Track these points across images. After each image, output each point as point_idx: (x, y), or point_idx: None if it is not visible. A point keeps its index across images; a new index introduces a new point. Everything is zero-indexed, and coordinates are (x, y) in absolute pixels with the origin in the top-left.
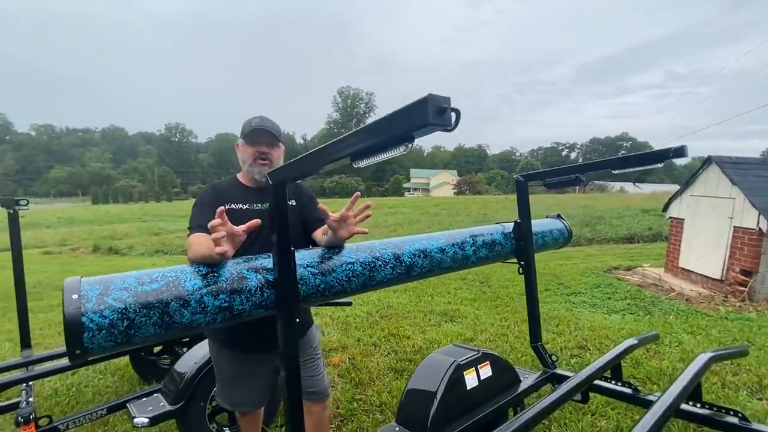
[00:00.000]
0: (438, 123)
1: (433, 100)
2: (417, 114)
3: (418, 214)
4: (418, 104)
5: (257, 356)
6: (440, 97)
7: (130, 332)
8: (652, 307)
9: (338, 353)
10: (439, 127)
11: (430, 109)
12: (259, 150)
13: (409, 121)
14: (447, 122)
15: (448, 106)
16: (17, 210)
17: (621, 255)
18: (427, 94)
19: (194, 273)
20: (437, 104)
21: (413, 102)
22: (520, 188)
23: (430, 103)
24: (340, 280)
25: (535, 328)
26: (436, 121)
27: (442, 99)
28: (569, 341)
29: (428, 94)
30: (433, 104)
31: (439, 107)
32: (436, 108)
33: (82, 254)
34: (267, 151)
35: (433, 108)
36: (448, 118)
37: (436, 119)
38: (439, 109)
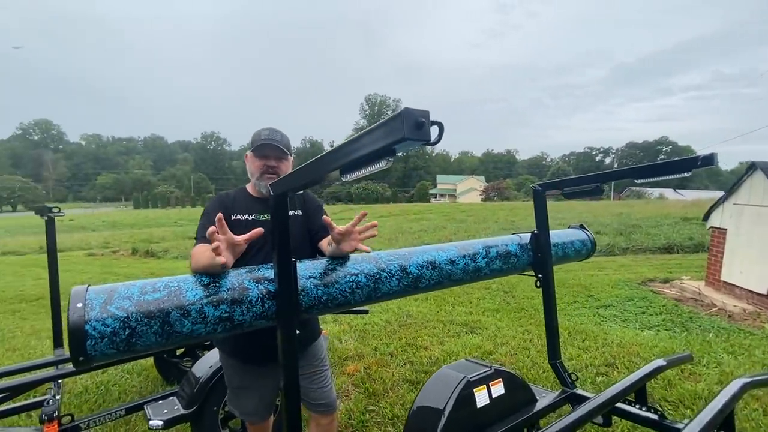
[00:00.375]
0: (415, 138)
1: (409, 115)
2: (393, 129)
3: (444, 220)
4: (393, 119)
5: (263, 367)
6: (417, 111)
7: (131, 340)
8: (689, 323)
9: (354, 362)
10: (417, 141)
11: (405, 124)
12: (267, 164)
13: (386, 137)
14: (425, 136)
15: (426, 120)
16: (52, 217)
17: (658, 266)
18: (403, 108)
19: (196, 283)
20: (414, 119)
21: (391, 116)
22: (537, 198)
23: (406, 118)
24: (343, 291)
25: (553, 343)
26: (413, 135)
27: (419, 113)
28: (595, 358)
29: (404, 109)
30: (408, 119)
31: (416, 122)
32: (412, 123)
33: (121, 256)
34: (275, 164)
35: (409, 123)
36: (426, 132)
37: (413, 134)
38: (416, 123)
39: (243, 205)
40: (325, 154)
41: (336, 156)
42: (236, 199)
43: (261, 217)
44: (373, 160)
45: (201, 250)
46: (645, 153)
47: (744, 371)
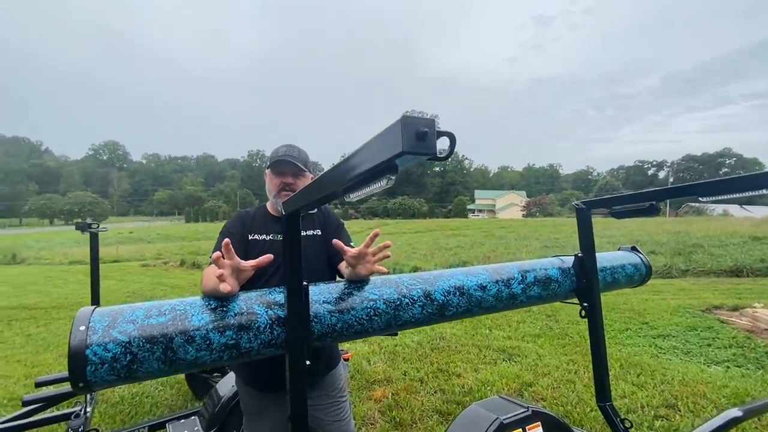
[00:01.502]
0: (417, 151)
1: (409, 124)
2: (390, 141)
3: (483, 236)
4: (390, 130)
5: (280, 395)
6: (419, 118)
7: (132, 367)
8: (766, 359)
9: (382, 386)
10: (419, 155)
11: (404, 135)
12: (284, 181)
13: (383, 151)
14: (430, 149)
15: (430, 129)
16: (95, 232)
17: (725, 291)
18: (401, 115)
19: (203, 307)
20: (414, 128)
21: (386, 128)
22: (581, 217)
23: (404, 128)
24: (359, 318)
25: (602, 383)
26: (413, 149)
27: (421, 121)
28: (653, 397)
29: (402, 116)
30: (407, 128)
31: (417, 132)
32: (412, 133)
33: (171, 267)
34: (292, 181)
35: (409, 133)
36: (430, 144)
37: (413, 147)
38: (417, 134)
39: (261, 225)
40: (326, 172)
41: (336, 174)
42: (255, 217)
43: (278, 237)
44: (373, 179)
45: (212, 271)
46: (704, 166)
47: None
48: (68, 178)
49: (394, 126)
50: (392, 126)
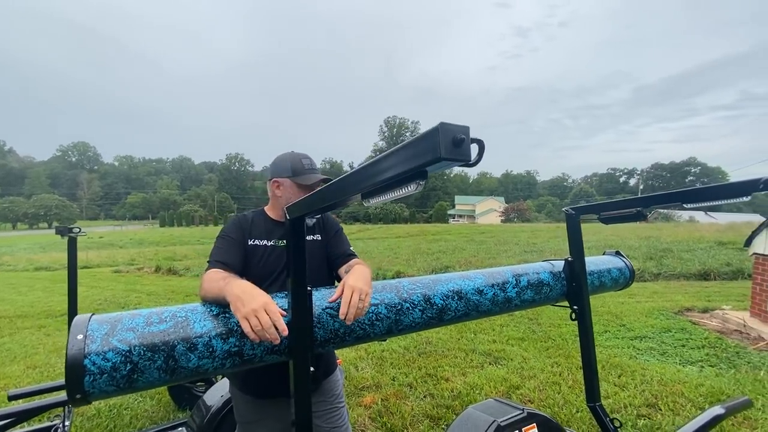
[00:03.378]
0: (453, 158)
1: (446, 131)
2: (427, 147)
3: (464, 242)
4: (428, 136)
5: (276, 402)
6: (455, 126)
7: (132, 377)
8: (736, 358)
9: (371, 393)
10: (454, 162)
11: (442, 142)
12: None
13: (418, 157)
14: (465, 156)
15: (466, 136)
16: (74, 236)
17: (694, 294)
18: (438, 123)
19: (205, 314)
20: (451, 135)
21: (423, 133)
22: (571, 222)
23: (442, 134)
24: (361, 323)
25: (592, 384)
26: (450, 155)
27: (457, 128)
28: (635, 397)
29: (439, 123)
30: (445, 135)
31: (453, 139)
32: (449, 140)
33: (145, 274)
34: None
35: (446, 140)
36: (466, 151)
37: (450, 153)
38: (453, 140)
39: (261, 230)
40: (346, 175)
41: (358, 178)
42: (254, 222)
43: (280, 243)
44: (401, 184)
45: (214, 276)
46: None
47: None
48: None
49: (431, 132)
50: (429, 132)
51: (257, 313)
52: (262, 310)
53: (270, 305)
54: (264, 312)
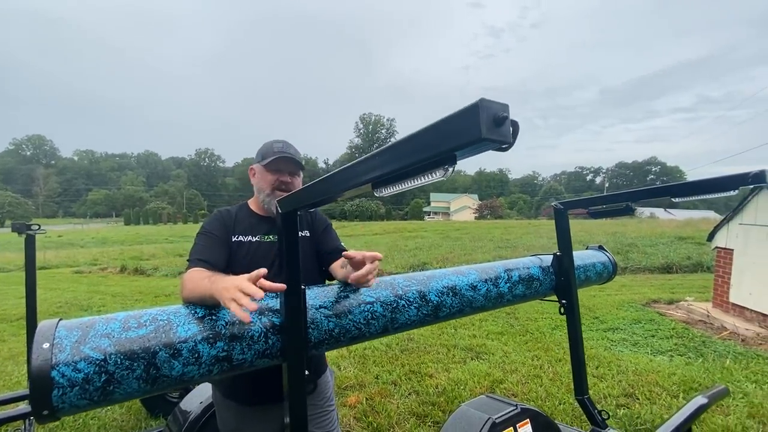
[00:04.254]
0: (494, 138)
1: (487, 108)
2: (465, 127)
3: (439, 238)
4: (466, 113)
5: (264, 409)
6: (495, 103)
7: (108, 388)
8: (703, 347)
9: (355, 392)
10: (493, 143)
11: (483, 120)
12: (281, 178)
13: (452, 137)
14: (505, 136)
15: (507, 115)
16: (32, 234)
17: (659, 287)
18: (478, 99)
19: (189, 316)
20: (493, 113)
21: (458, 111)
22: (559, 217)
23: (483, 111)
24: (357, 323)
25: (580, 377)
26: (491, 135)
27: (498, 106)
28: (613, 387)
29: (480, 99)
30: (486, 113)
31: (495, 117)
32: (491, 118)
33: (110, 274)
34: (289, 180)
35: (488, 118)
36: (506, 131)
37: (491, 133)
38: (495, 119)
39: (245, 225)
40: (354, 163)
41: (370, 165)
42: (238, 217)
43: (265, 239)
44: (425, 171)
45: (197, 276)
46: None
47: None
48: None
49: (469, 109)
50: (467, 109)
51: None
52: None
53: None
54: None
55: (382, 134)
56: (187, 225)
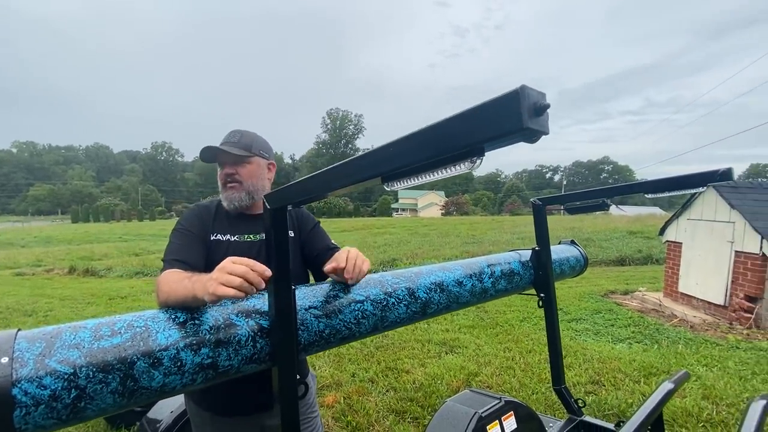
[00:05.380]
0: (535, 128)
1: (528, 95)
2: (503, 115)
3: (408, 234)
4: (505, 100)
5: (245, 419)
6: (535, 91)
7: (79, 405)
8: (657, 334)
9: (332, 391)
10: (533, 134)
11: (524, 108)
12: (224, 172)
13: (487, 127)
14: (544, 127)
15: (547, 103)
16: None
17: (615, 278)
18: (519, 85)
19: (169, 321)
20: (533, 101)
21: (495, 98)
22: (537, 213)
23: (525, 99)
24: (347, 322)
25: (558, 368)
26: (533, 124)
27: (537, 94)
28: (581, 375)
29: (521, 86)
30: (528, 100)
31: (535, 105)
32: (531, 106)
33: (56, 276)
34: (233, 172)
35: (528, 106)
36: (545, 121)
37: (533, 121)
38: (535, 107)
39: (224, 223)
40: (362, 155)
41: (381, 157)
42: (217, 214)
43: (246, 238)
44: (450, 163)
45: (174, 277)
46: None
47: (723, 384)
48: None
49: (510, 96)
50: (507, 95)
51: (228, 268)
52: (229, 263)
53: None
54: (232, 263)
55: (349, 130)
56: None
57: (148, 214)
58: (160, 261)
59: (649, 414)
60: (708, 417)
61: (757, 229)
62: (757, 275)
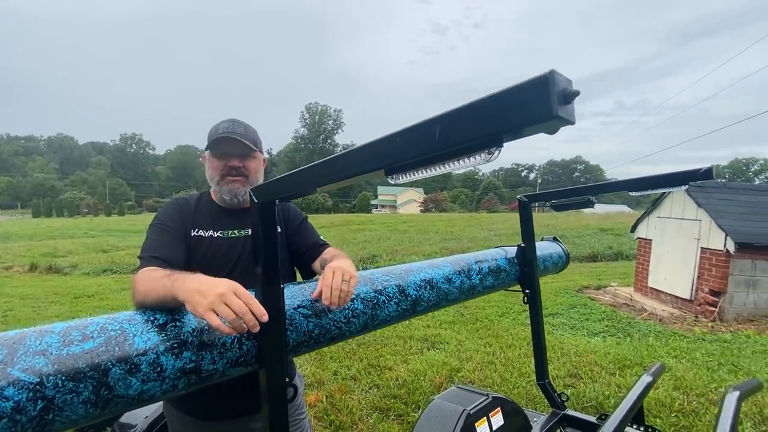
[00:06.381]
0: (564, 117)
1: (558, 81)
2: (530, 102)
3: (387, 231)
4: (532, 86)
5: (230, 423)
6: (563, 76)
7: (46, 417)
8: (629, 328)
9: (314, 390)
10: (561, 123)
11: (554, 95)
12: (229, 164)
13: (510, 115)
14: (571, 116)
15: (576, 90)
16: None
17: (588, 274)
18: (548, 70)
19: (147, 324)
20: (562, 87)
21: (520, 84)
22: (523, 209)
23: (554, 85)
24: (337, 321)
25: (541, 363)
26: (562, 112)
27: (565, 80)
28: (559, 369)
29: (551, 71)
30: (556, 86)
31: (565, 92)
32: (560, 93)
33: (16, 273)
34: (239, 164)
35: (558, 92)
36: (572, 110)
37: (562, 109)
38: (564, 95)
39: (206, 218)
40: (364, 146)
41: (386, 148)
42: (198, 208)
43: (230, 234)
44: (464, 154)
45: (152, 275)
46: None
47: (693, 375)
48: None
49: (538, 81)
50: (535, 80)
51: (225, 298)
52: (230, 293)
53: (239, 287)
54: (233, 295)
55: (329, 125)
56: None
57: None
58: (130, 258)
59: (631, 407)
60: (680, 407)
61: (721, 227)
62: (720, 271)
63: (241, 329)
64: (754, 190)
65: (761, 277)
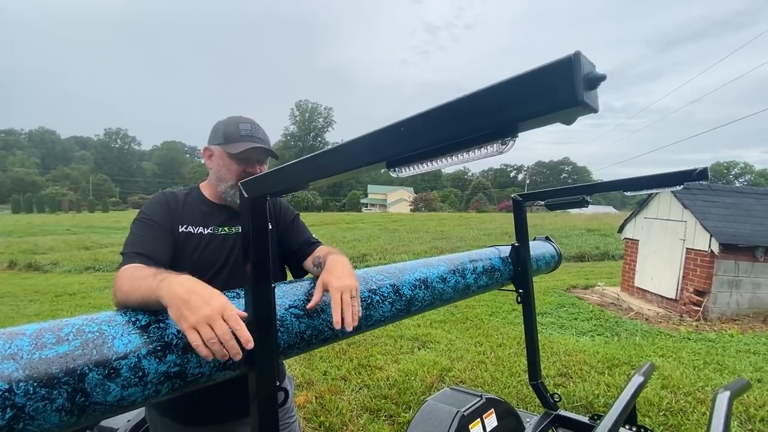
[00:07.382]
0: (588, 103)
1: (583, 65)
2: (552, 86)
3: (377, 230)
4: (554, 69)
5: (216, 428)
6: (588, 59)
7: (16, 427)
8: (616, 327)
9: (303, 391)
10: (585, 110)
11: (578, 79)
12: (248, 169)
13: (528, 100)
14: (595, 103)
15: (601, 75)
16: None
17: (576, 274)
18: (573, 52)
19: (128, 325)
20: (587, 71)
21: (543, 66)
22: (517, 208)
23: (579, 69)
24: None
25: (534, 363)
26: (587, 98)
27: (590, 64)
28: (549, 369)
29: (575, 52)
30: (582, 70)
31: (590, 76)
32: (586, 78)
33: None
34: (257, 171)
35: (584, 77)
36: (596, 96)
37: (587, 95)
38: (589, 79)
39: (196, 214)
40: (363, 136)
41: (388, 138)
42: (186, 204)
43: (221, 231)
44: (475, 144)
45: (138, 273)
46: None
47: (680, 374)
48: None
49: (561, 63)
50: (556, 64)
51: (211, 321)
52: (218, 317)
53: (228, 309)
54: (220, 319)
55: (319, 123)
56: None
57: (101, 205)
58: (114, 255)
59: (624, 408)
60: (668, 405)
61: (706, 228)
62: (705, 271)
63: (222, 356)
64: (737, 193)
65: (744, 277)
